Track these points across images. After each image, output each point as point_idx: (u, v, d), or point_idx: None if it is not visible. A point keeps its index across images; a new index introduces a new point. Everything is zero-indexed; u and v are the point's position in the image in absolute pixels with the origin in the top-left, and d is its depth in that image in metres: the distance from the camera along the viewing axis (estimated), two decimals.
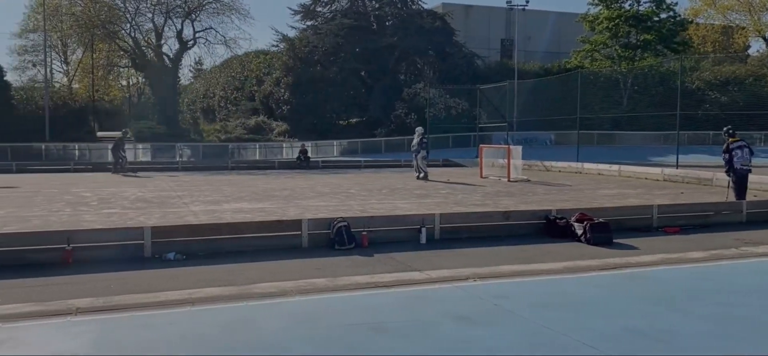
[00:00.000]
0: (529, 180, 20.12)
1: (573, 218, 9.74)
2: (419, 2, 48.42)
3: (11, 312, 5.62)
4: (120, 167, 24.67)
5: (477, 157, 24.85)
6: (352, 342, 4.78)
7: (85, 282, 6.83)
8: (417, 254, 8.41)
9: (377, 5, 47.60)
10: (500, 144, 28.35)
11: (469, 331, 5.08)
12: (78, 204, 13.18)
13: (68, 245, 7.74)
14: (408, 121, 40.51)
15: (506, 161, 20.67)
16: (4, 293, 6.37)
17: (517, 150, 21.24)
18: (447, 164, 29.23)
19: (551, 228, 9.94)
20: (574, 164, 25.05)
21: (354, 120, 44.91)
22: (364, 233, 8.99)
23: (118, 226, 9.72)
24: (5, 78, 39.45)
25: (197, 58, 66.22)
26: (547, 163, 26.30)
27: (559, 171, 25.00)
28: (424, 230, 9.29)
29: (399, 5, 47.65)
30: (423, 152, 20.35)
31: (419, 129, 21.14)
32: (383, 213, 11.23)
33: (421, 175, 20.19)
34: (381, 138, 39.63)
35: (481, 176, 21.42)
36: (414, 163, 21.05)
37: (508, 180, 19.81)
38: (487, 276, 7.13)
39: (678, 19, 45.92)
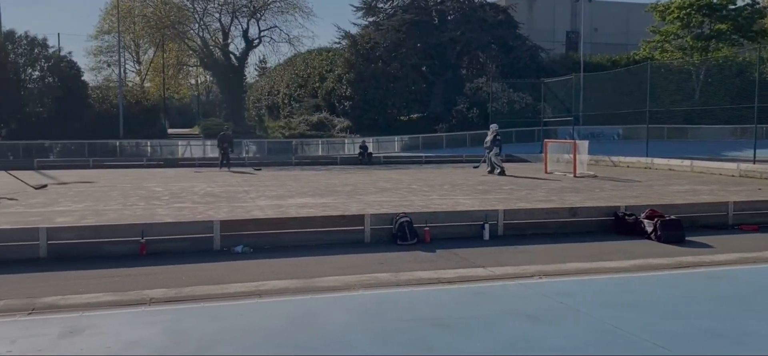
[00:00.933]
0: (595, 176, 19.60)
1: (643, 215, 9.43)
2: None
3: (91, 301, 5.92)
4: (225, 162, 24.13)
5: (541, 152, 24.38)
6: (415, 337, 4.79)
7: (158, 273, 7.11)
8: (480, 251, 8.34)
9: (439, 0, 47.42)
10: (565, 139, 27.72)
11: (533, 329, 5.01)
12: (151, 198, 13.72)
13: (142, 238, 8.08)
14: (470, 116, 40.15)
15: (572, 156, 20.19)
16: (85, 283, 6.71)
17: (583, 145, 20.73)
18: (510, 159, 28.76)
19: (620, 225, 9.66)
20: (643, 159, 24.23)
21: (415, 116, 44.86)
22: (426, 228, 8.99)
23: (188, 220, 10.05)
24: (83, 78, 41.42)
25: (262, 57, 67.96)
26: (614, 158, 25.54)
27: (628, 166, 24.24)
28: (487, 226, 9.21)
29: None
30: (496, 149, 20.44)
31: (494, 126, 21.04)
32: (445, 209, 11.19)
33: (498, 171, 20.22)
34: (442, 134, 39.43)
35: (546, 172, 21.02)
36: (485, 158, 21.46)
37: (574, 176, 19.36)
38: (552, 274, 7.00)
39: (756, 6, 43.65)
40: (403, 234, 8.78)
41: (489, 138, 20.75)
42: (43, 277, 6.93)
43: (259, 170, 23.57)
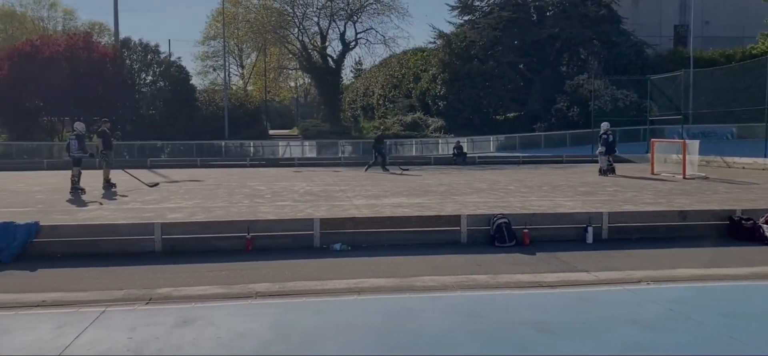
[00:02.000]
0: (707, 177, 18.42)
1: (762, 220, 8.79)
2: None
3: (201, 293, 6.24)
4: (379, 163, 23.30)
5: (647, 152, 23.23)
6: (516, 341, 4.69)
7: (263, 268, 7.39)
8: (583, 254, 8.06)
9: None
10: (674, 138, 26.22)
11: (641, 336, 4.78)
12: (254, 196, 14.27)
13: (248, 234, 8.43)
14: (570, 115, 38.91)
15: (681, 156, 19.09)
16: (195, 275, 7.09)
17: (693, 144, 19.56)
18: (614, 159, 27.60)
19: (736, 230, 9.05)
20: (760, 160, 22.53)
21: (512, 115, 44.02)
22: (525, 230, 8.80)
23: (290, 217, 10.37)
24: (191, 82, 43.78)
25: (358, 58, 69.11)
26: (727, 158, 23.91)
27: (743, 168, 22.61)
28: (590, 229, 8.89)
29: None
30: (602, 148, 19.78)
31: (604, 124, 20.29)
32: (544, 211, 10.89)
33: (605, 170, 19.56)
34: (540, 133, 38.45)
35: (652, 173, 20.00)
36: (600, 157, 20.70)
37: (684, 177, 18.29)
38: (661, 279, 6.65)
39: None
40: (500, 236, 8.64)
41: (601, 132, 20.15)
42: (158, 269, 7.38)
43: (407, 170, 23.42)
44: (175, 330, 4.96)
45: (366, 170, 23.26)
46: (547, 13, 44.97)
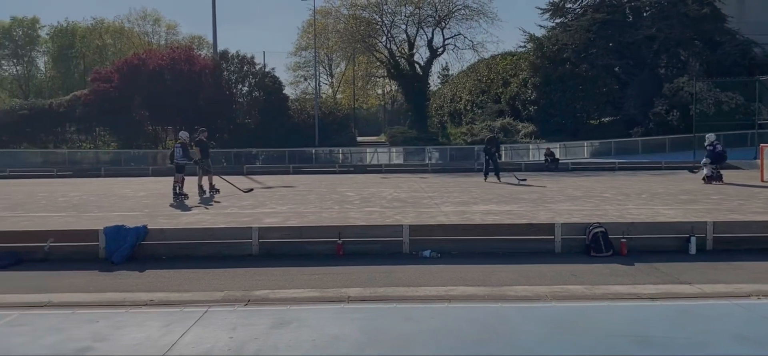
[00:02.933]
0: None
1: None
2: None
3: (296, 296, 6.44)
4: (493, 169, 20.73)
5: (756, 158, 21.74)
6: (614, 354, 4.53)
7: (354, 273, 7.51)
8: (685, 266, 7.66)
9: None
10: None
11: (750, 352, 4.49)
12: (343, 202, 14.55)
13: (340, 239, 8.60)
14: (669, 119, 37.05)
15: None
16: (290, 278, 7.32)
17: None
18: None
19: None
20: None
21: (606, 119, 42.44)
22: (623, 240, 8.47)
23: (380, 223, 10.48)
24: (284, 92, 45.23)
25: (445, 64, 68.75)
26: None
27: None
28: (693, 239, 8.43)
29: None
30: (706, 160, 18.72)
31: (709, 136, 19.24)
32: (643, 219, 10.43)
33: (711, 175, 18.51)
34: (637, 138, 36.85)
35: (762, 180, 18.68)
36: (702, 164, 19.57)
37: None
38: None
39: None
40: (597, 245, 8.36)
41: (706, 143, 19.06)
42: (256, 272, 7.67)
43: (524, 181, 19.92)
44: (272, 330, 5.14)
45: (485, 178, 20.36)
46: (644, 14, 43.08)
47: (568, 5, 45.98)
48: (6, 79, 69.49)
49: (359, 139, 50.09)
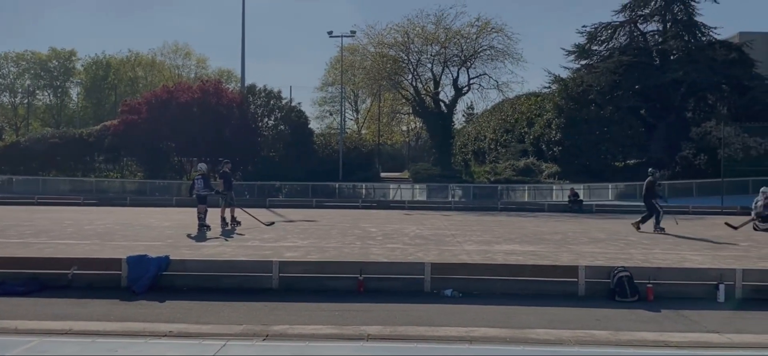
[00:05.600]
0: None
1: None
2: (710, 33, 43.75)
3: (315, 332, 6.38)
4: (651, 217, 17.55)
5: None
6: None
7: (374, 310, 7.44)
8: (714, 314, 7.45)
9: (660, 39, 44.22)
10: None
11: None
12: (366, 238, 14.50)
13: (360, 276, 8.55)
14: (696, 163, 36.54)
15: None
16: (309, 314, 7.26)
17: None
18: (746, 211, 25.49)
19: None
20: None
21: (632, 161, 41.97)
22: (649, 285, 8.27)
23: (401, 260, 10.41)
24: (309, 126, 45.66)
25: (470, 103, 68.84)
26: None
27: None
28: (722, 286, 8.21)
29: (686, 37, 43.60)
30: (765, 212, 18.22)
31: (764, 189, 18.80)
32: (670, 265, 10.21)
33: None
34: (663, 181, 36.34)
35: None
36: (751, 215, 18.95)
37: None
38: None
39: None
40: (622, 290, 8.18)
41: (761, 202, 18.48)
42: (275, 306, 7.63)
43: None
44: None
45: (638, 228, 17.42)
46: (671, 57, 42.86)
47: (595, 47, 45.97)
48: (39, 109, 71.39)
49: (383, 174, 50.15)
